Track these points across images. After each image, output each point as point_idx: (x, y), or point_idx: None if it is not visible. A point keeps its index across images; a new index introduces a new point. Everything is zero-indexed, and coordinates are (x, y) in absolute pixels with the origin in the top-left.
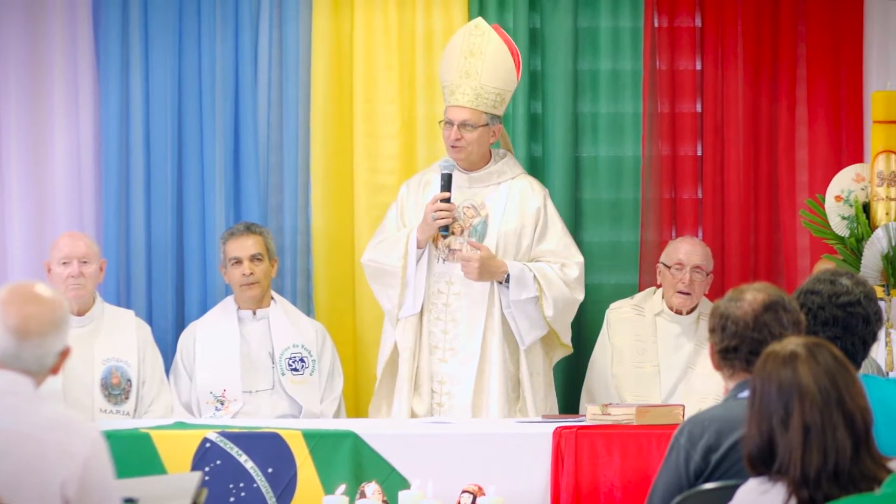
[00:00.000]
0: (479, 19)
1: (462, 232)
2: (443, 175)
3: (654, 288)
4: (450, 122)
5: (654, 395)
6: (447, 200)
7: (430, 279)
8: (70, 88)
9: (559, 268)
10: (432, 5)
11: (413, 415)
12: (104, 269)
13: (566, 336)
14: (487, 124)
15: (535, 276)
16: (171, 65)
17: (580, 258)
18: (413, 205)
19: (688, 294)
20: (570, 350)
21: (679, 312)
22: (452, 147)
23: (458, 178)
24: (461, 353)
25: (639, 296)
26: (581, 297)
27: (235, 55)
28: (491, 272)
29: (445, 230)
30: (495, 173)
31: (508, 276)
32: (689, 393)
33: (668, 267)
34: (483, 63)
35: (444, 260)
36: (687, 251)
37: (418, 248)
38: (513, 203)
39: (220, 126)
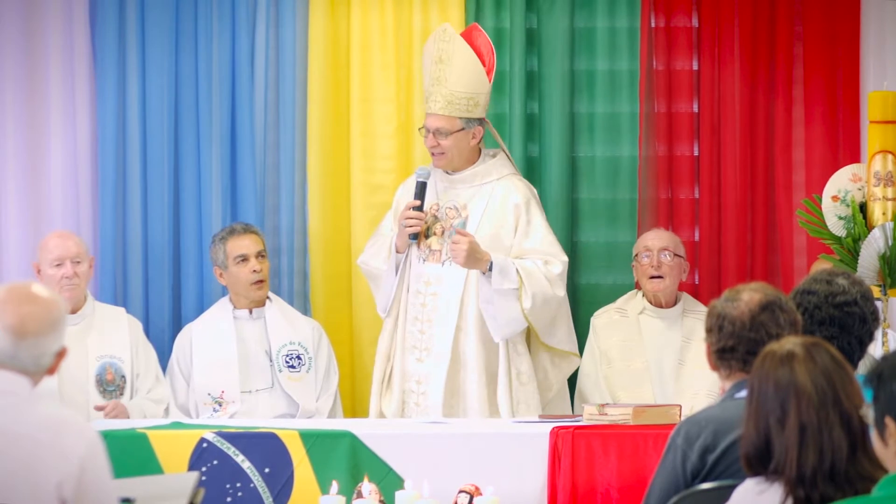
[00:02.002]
0: (447, 24)
1: (443, 233)
2: (417, 183)
3: (635, 290)
4: (427, 129)
5: (645, 392)
6: (419, 209)
7: (409, 280)
8: (67, 89)
9: (542, 263)
10: (429, 5)
11: (381, 415)
12: (93, 266)
13: (552, 337)
14: (463, 129)
15: (517, 269)
16: (168, 65)
17: (564, 257)
18: (403, 207)
19: (660, 277)
20: (576, 358)
21: (658, 304)
22: (432, 154)
23: (442, 179)
24: (434, 354)
25: (621, 299)
26: (562, 293)
27: (232, 55)
28: (476, 259)
29: (415, 237)
30: (479, 174)
31: (491, 265)
32: (681, 389)
33: (638, 256)
34: (451, 69)
35: (425, 261)
36: (652, 237)
37: (397, 252)
38: (493, 205)
39: (216, 126)
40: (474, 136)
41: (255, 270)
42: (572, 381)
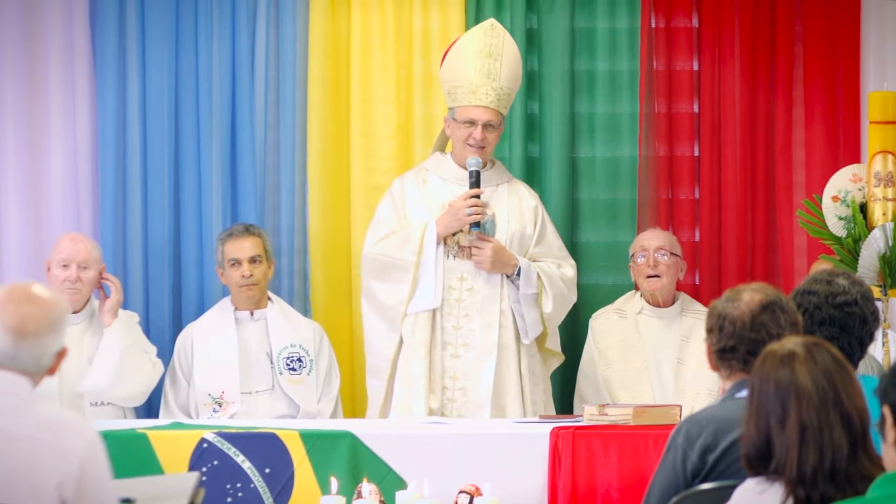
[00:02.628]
0: (493, 20)
1: (469, 230)
2: (472, 172)
3: (633, 291)
4: (472, 122)
5: (645, 391)
6: (478, 197)
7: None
8: (67, 89)
9: (556, 267)
10: (429, 5)
11: (431, 413)
12: (102, 274)
13: (552, 342)
14: (501, 124)
15: (538, 274)
16: (168, 65)
17: (573, 261)
18: (415, 199)
19: (657, 276)
20: (562, 358)
21: (657, 304)
22: (472, 146)
23: (461, 178)
24: (475, 349)
25: (619, 300)
26: (574, 297)
27: (232, 55)
28: (503, 263)
29: (477, 226)
30: (493, 176)
31: (518, 270)
32: (682, 388)
33: (634, 257)
34: (502, 64)
35: (455, 256)
36: (648, 237)
37: (436, 242)
38: (514, 204)
39: (216, 126)
40: (500, 135)
41: (244, 275)
42: (570, 380)
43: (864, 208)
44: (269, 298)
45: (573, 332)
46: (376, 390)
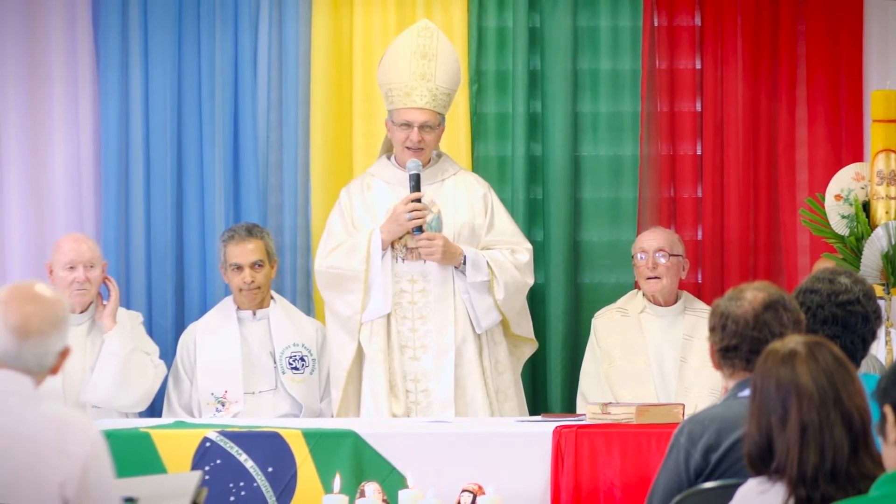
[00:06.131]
0: (426, 20)
1: (412, 233)
2: (411, 176)
3: (635, 290)
4: (408, 125)
5: (648, 390)
6: (419, 201)
7: (392, 279)
8: (70, 88)
9: (509, 253)
10: (432, 5)
11: (393, 417)
12: (105, 271)
13: (518, 326)
14: (440, 124)
15: (487, 262)
16: (171, 64)
17: (529, 245)
18: (360, 208)
19: (657, 278)
20: (535, 345)
21: (658, 303)
22: (410, 149)
23: (404, 181)
24: (434, 350)
25: (622, 299)
26: (531, 281)
27: (235, 55)
28: (450, 255)
29: (419, 230)
30: (438, 171)
31: (465, 259)
32: (684, 387)
33: (635, 257)
34: (436, 65)
35: (404, 259)
36: (648, 237)
37: (382, 248)
38: (462, 196)
39: (219, 126)
40: (441, 134)
41: (245, 281)
42: (573, 379)
43: (866, 207)
44: (272, 297)
45: (575, 332)
46: (334, 401)
